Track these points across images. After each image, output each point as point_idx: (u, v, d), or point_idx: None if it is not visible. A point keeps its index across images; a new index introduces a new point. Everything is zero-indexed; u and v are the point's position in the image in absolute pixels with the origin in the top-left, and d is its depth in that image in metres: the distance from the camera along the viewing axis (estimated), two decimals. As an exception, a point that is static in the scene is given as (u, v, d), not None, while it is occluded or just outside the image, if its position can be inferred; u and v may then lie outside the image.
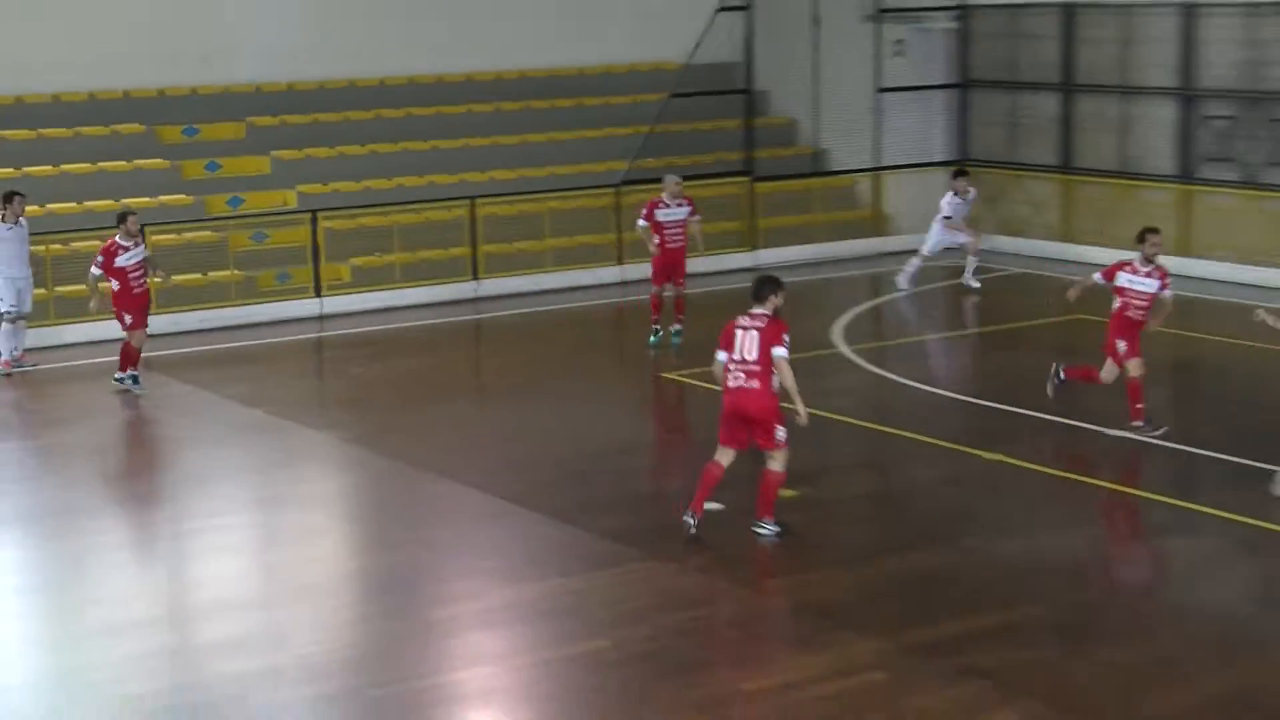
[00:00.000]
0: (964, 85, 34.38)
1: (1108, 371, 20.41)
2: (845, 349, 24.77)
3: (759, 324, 16.20)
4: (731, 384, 16.15)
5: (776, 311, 16.38)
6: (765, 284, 16.67)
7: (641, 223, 25.04)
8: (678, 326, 24.98)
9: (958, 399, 22.47)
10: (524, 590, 15.43)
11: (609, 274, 30.41)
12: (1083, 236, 32.34)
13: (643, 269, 30.05)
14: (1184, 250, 30.50)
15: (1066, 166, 32.77)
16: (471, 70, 33.10)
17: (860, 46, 33.80)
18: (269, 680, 13.45)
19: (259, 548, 17.34)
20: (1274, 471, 17.49)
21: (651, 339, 24.97)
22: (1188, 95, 30.78)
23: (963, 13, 34.01)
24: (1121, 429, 20.12)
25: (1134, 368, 20.05)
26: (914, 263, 28.86)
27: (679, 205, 25.03)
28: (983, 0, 33.77)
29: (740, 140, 32.89)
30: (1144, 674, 13.54)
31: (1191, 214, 30.63)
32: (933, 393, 22.65)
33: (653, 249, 24.97)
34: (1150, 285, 20.48)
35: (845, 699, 12.97)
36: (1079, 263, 31.55)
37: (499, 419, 21.94)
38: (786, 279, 25.55)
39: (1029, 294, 29.41)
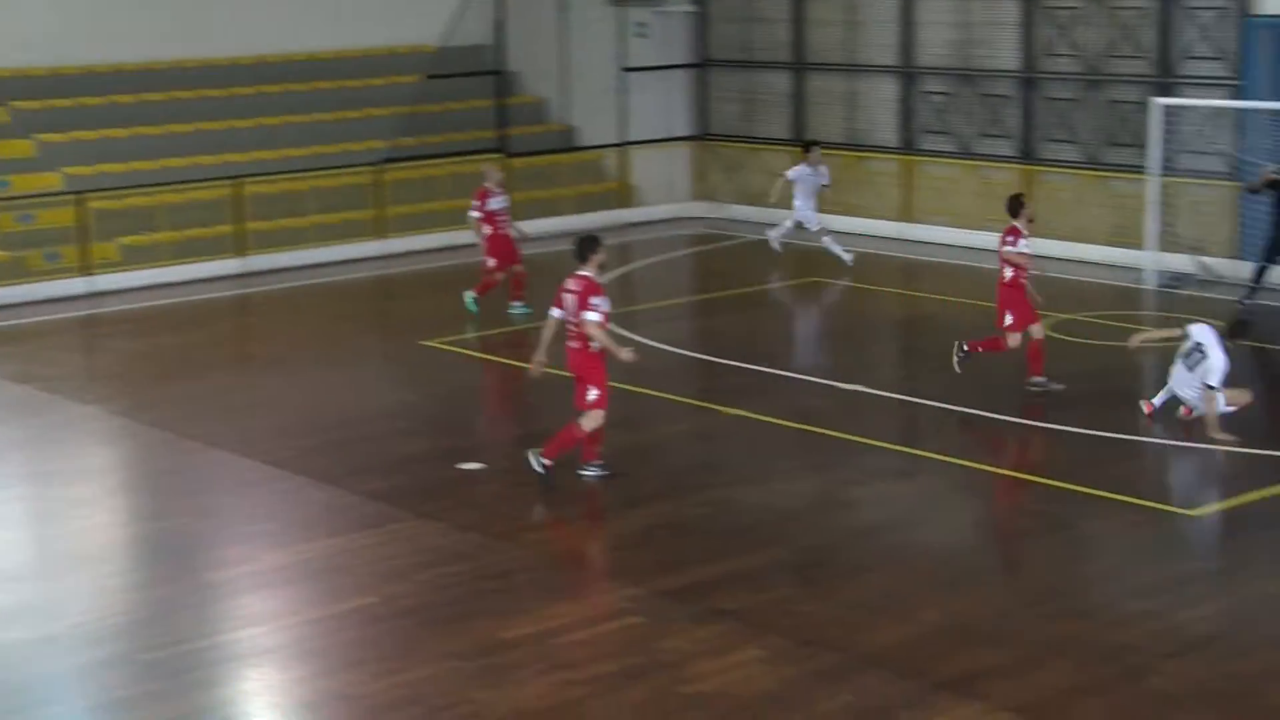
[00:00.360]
0: (703, 64, 34.65)
1: (1014, 340, 20.54)
2: (519, 309, 24.85)
3: (577, 287, 16.48)
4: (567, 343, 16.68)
5: (601, 268, 16.83)
6: (584, 244, 16.84)
7: (474, 213, 24.86)
8: (521, 303, 24.97)
9: (701, 359, 22.73)
10: (294, 552, 15.36)
11: (371, 249, 30.25)
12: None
13: (406, 243, 30.15)
14: (906, 216, 31.16)
15: (799, 140, 33.16)
16: (234, 55, 32.59)
17: (606, 29, 33.90)
18: (43, 650, 13.23)
19: (31, 521, 16.94)
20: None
21: (521, 309, 24.78)
22: (908, 73, 31.33)
23: (700, -4, 34.34)
24: (853, 384, 20.52)
25: (1036, 331, 20.38)
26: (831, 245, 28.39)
27: (503, 193, 24.95)
28: (719, -16, 34.08)
29: (493, 119, 32.84)
30: (873, 607, 13.86)
31: (912, 183, 31.22)
32: (678, 354, 22.85)
33: (480, 238, 24.84)
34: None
35: (602, 643, 13.12)
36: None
37: (265, 389, 21.74)
38: (538, 250, 25.94)
39: (767, 258, 29.74)
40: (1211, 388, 18.01)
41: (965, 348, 20.67)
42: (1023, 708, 11.91)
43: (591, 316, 16.32)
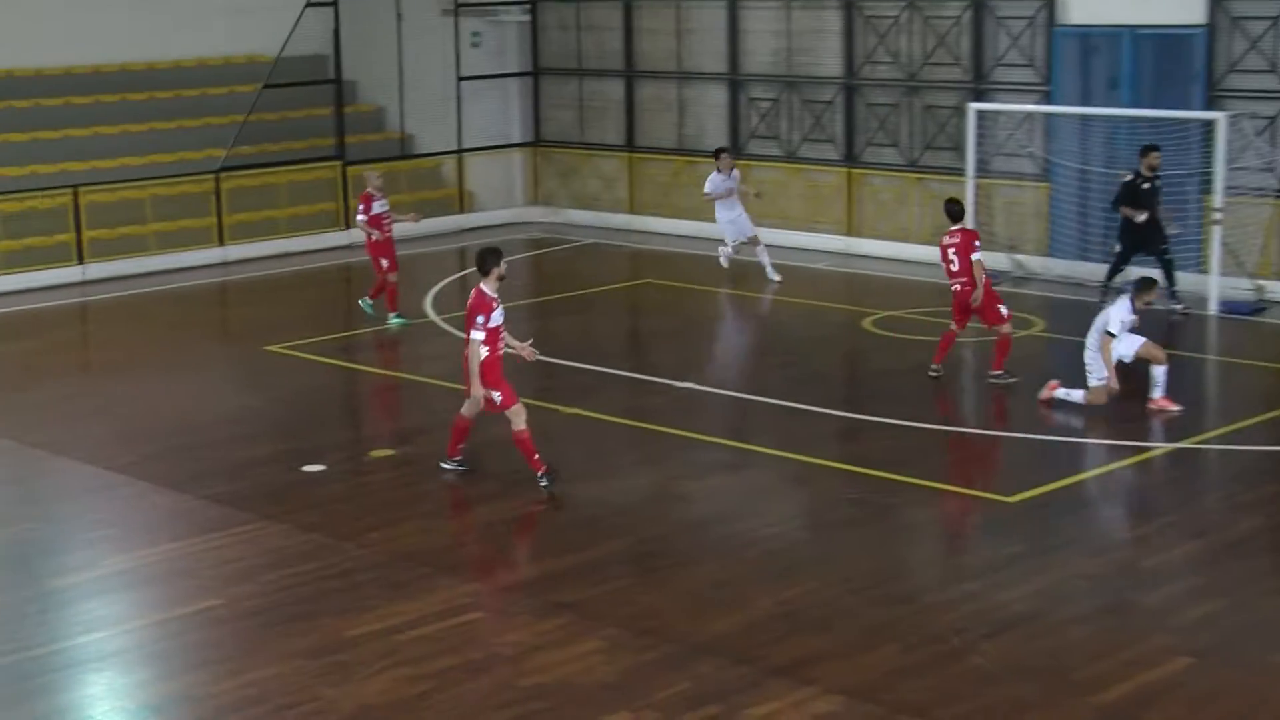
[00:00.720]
0: (536, 73, 34.66)
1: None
2: (436, 318, 24.84)
3: (470, 301, 16.66)
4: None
5: (500, 280, 16.73)
6: (483, 257, 16.83)
7: (361, 217, 24.57)
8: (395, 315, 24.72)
9: (539, 359, 22.71)
10: (137, 556, 15.19)
11: (211, 255, 29.98)
12: (646, 208, 33.00)
13: (246, 250, 29.91)
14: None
15: (631, 145, 33.30)
16: (70, 64, 32.10)
17: (441, 38, 33.80)
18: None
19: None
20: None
21: (397, 321, 24.46)
22: (735, 80, 31.51)
23: (533, 6, 34.27)
24: (689, 382, 20.65)
25: (1006, 328, 20.53)
26: (724, 251, 27.71)
27: (384, 197, 24.65)
28: (558, -5, 34.14)
29: (332, 127, 32.62)
30: (707, 597, 13.95)
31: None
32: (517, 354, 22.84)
33: (375, 236, 24.50)
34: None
35: (445, 638, 13.07)
36: (645, 231, 32.29)
37: (107, 396, 21.41)
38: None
39: (602, 261, 29.85)
40: (1110, 334, 18.65)
41: (935, 365, 20.80)
42: (851, 690, 12.03)
43: (474, 335, 16.33)
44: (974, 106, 27.24)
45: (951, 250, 20.27)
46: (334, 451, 18.39)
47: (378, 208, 24.41)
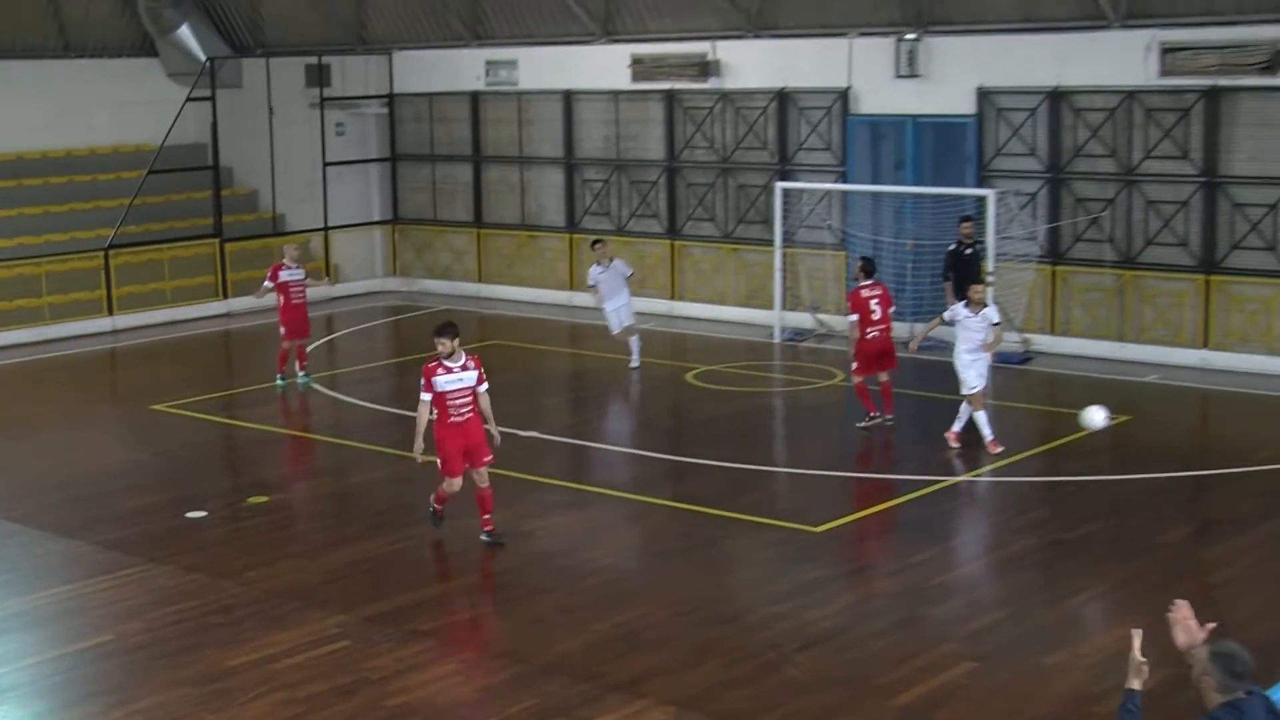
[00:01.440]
0: (393, 159, 34.52)
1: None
2: (301, 379, 24.51)
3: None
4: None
5: (451, 355, 15.76)
6: (436, 329, 16.02)
7: (268, 284, 24.14)
8: (304, 374, 24.16)
9: (398, 413, 22.55)
10: (32, 599, 14.79)
11: (101, 324, 29.48)
12: (493, 277, 32.95)
13: (133, 319, 29.46)
14: (575, 286, 31.37)
15: (479, 222, 33.24)
16: (-29, 153, 31.60)
17: (308, 128, 33.57)
18: None
19: None
20: None
21: (280, 382, 23.95)
22: (570, 164, 31.59)
23: (390, 100, 34.16)
24: (533, 431, 20.60)
25: (859, 379, 20.50)
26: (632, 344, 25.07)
27: (299, 267, 24.22)
28: (405, 90, 33.95)
29: (210, 208, 32.22)
30: (553, 621, 13.90)
31: (575, 257, 31.45)
32: (378, 409, 22.66)
33: (261, 298, 24.55)
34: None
35: (316, 665, 12.90)
36: (492, 298, 32.25)
37: (4, 454, 20.84)
38: (252, 323, 25.50)
39: (460, 326, 29.60)
40: (997, 323, 19.09)
41: (870, 416, 20.56)
42: (681, 702, 12.03)
43: (422, 396, 15.74)
44: (780, 185, 27.52)
45: (874, 301, 20.33)
46: (214, 499, 18.10)
47: (285, 275, 24.04)
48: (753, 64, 28.78)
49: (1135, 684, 7.84)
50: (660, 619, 13.92)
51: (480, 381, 15.87)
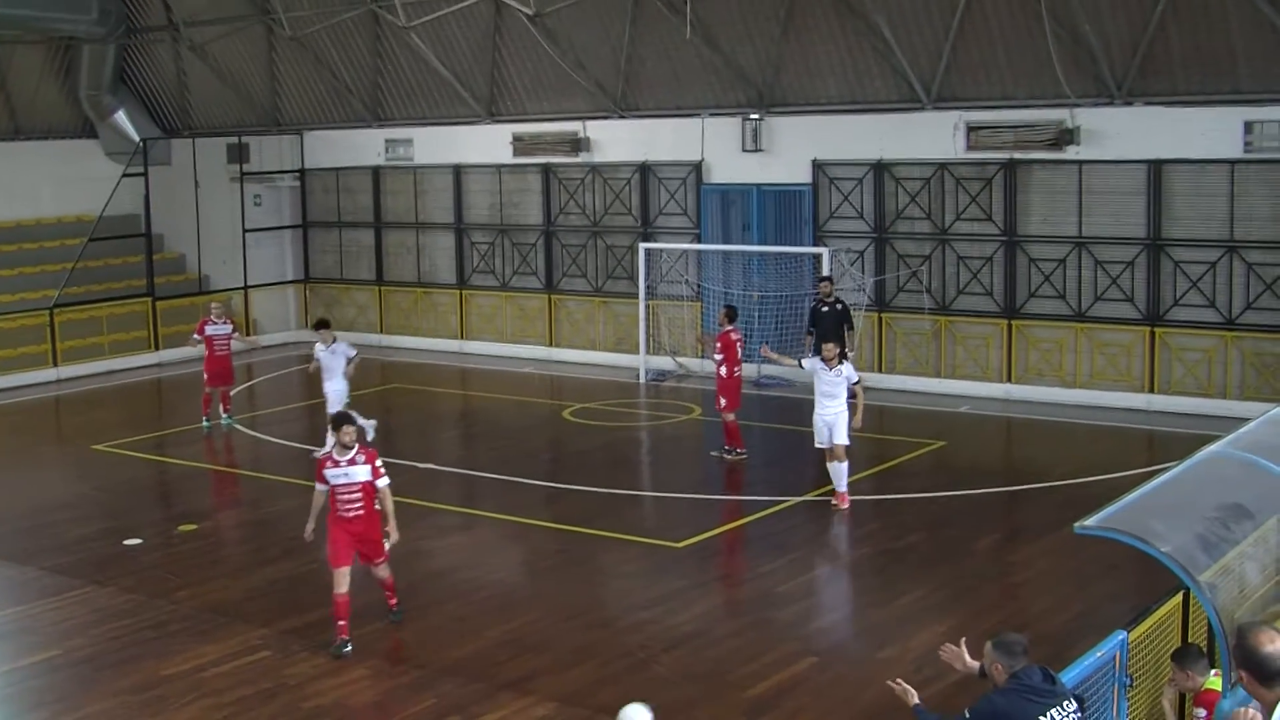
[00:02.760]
0: (305, 225, 34.23)
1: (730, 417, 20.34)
2: (225, 420, 24.22)
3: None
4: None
5: (344, 447, 13.50)
6: (339, 421, 13.87)
7: (196, 336, 23.82)
8: (228, 415, 23.85)
9: (308, 449, 22.31)
10: (-14, 619, 14.52)
11: (46, 375, 28.90)
12: (394, 328, 32.74)
13: (75, 370, 28.93)
14: (465, 335, 31.31)
15: (380, 280, 33.06)
16: (-74, 225, 30.92)
17: (230, 199, 33.21)
18: None
19: None
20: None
21: (205, 424, 23.59)
22: (460, 228, 31.53)
23: (301, 174, 33.91)
24: (429, 463, 20.49)
25: (732, 416, 20.25)
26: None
27: (224, 322, 23.83)
28: (315, 165, 33.73)
29: (143, 270, 31.76)
30: (448, 630, 13.85)
31: (468, 309, 31.40)
32: (292, 446, 22.42)
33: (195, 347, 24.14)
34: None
35: (240, 673, 12.76)
36: (393, 347, 32.04)
37: (-38, 490, 20.46)
38: (182, 371, 25.14)
39: (359, 371, 29.40)
40: (857, 381, 17.95)
41: (725, 447, 20.47)
42: (563, 698, 12.05)
43: (318, 486, 13.61)
44: (643, 246, 27.65)
45: (739, 344, 20.47)
46: (149, 528, 17.82)
47: (210, 330, 23.76)
48: (618, 140, 28.94)
49: (913, 701, 8.16)
50: (543, 625, 13.92)
51: (376, 476, 13.58)
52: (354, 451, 13.52)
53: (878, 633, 13.60)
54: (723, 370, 20.43)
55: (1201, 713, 8.80)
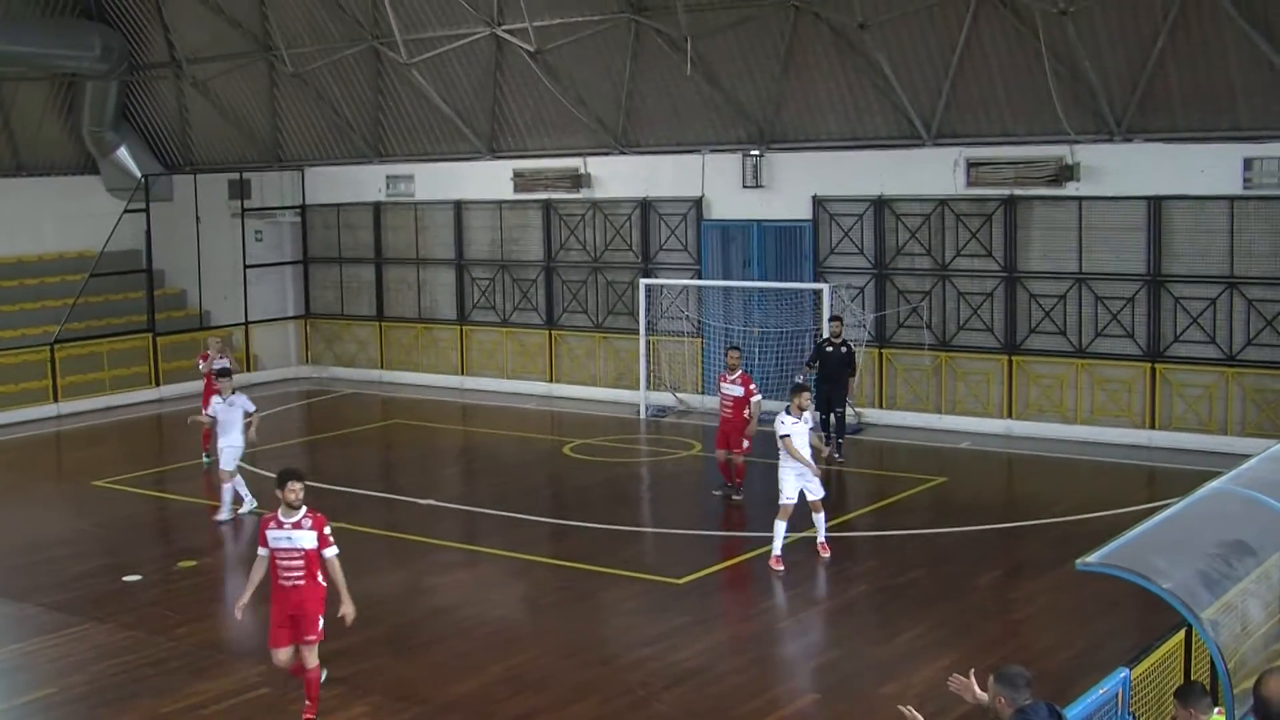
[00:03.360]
0: (305, 261, 34.29)
1: (719, 454, 20.26)
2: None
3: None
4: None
5: (290, 506, 12.29)
6: (287, 476, 12.42)
7: (201, 365, 23.97)
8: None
9: (312, 485, 22.23)
10: (-16, 656, 14.47)
11: (47, 410, 28.88)
12: (394, 364, 32.75)
13: (76, 405, 28.92)
14: (465, 371, 31.32)
15: (381, 316, 33.09)
16: (-72, 261, 30.99)
17: (231, 235, 33.29)
18: None
19: None
20: None
21: (205, 459, 23.46)
22: (461, 264, 31.58)
23: (302, 210, 33.97)
24: (430, 499, 20.47)
25: (737, 456, 20.03)
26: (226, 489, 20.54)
27: (222, 358, 23.55)
28: (316, 201, 33.81)
29: (144, 306, 31.80)
30: (450, 666, 13.81)
31: (469, 345, 31.42)
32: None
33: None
34: (736, 390, 20.19)
35: (240, 710, 12.74)
36: (393, 383, 32.04)
37: (-39, 526, 20.43)
38: (183, 407, 25.12)
39: (359, 407, 29.51)
40: (813, 427, 17.40)
41: (727, 485, 20.27)
42: (562, 735, 12.01)
43: (259, 550, 12.51)
44: (643, 281, 27.71)
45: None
46: (148, 564, 17.79)
47: (207, 366, 23.67)
48: (619, 177, 29.01)
49: None
50: (544, 662, 13.88)
51: (323, 545, 12.15)
52: (300, 514, 12.13)
53: (879, 669, 13.56)
54: (743, 411, 20.15)
55: None
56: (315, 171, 33.73)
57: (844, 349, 22.74)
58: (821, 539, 17.41)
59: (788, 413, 17.15)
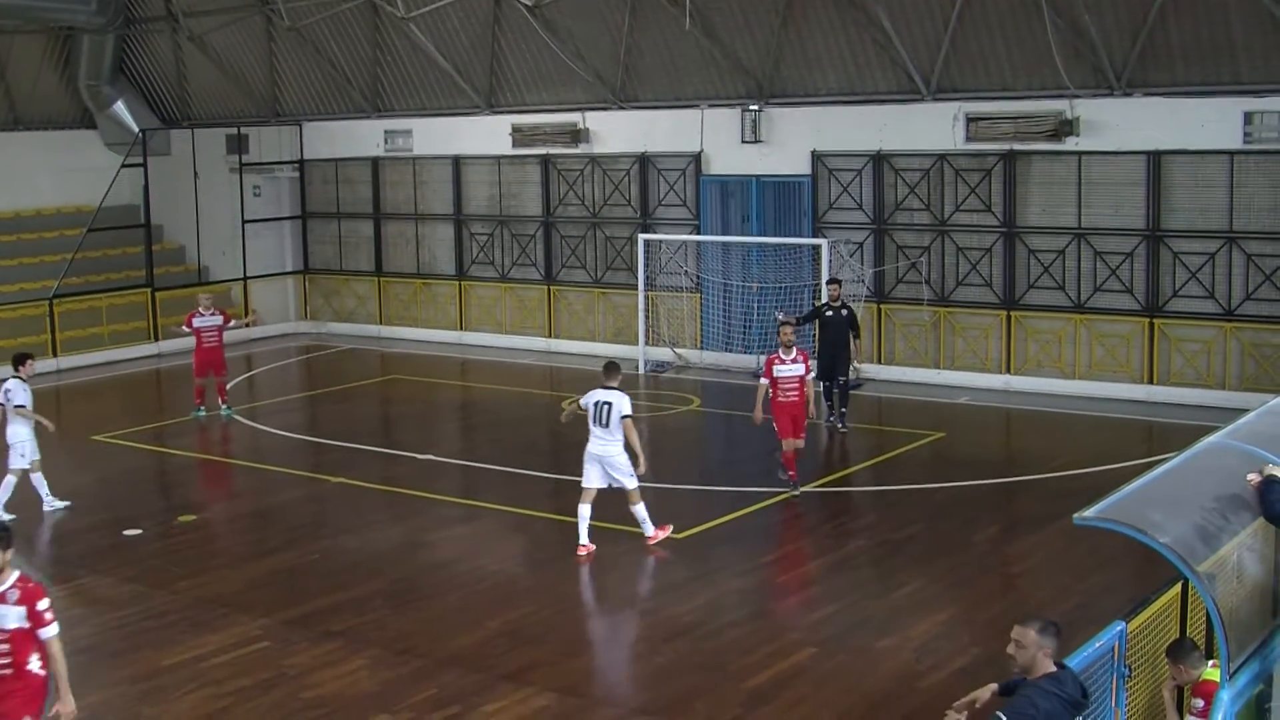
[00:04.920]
0: (304, 216, 34.20)
1: (788, 445, 17.90)
2: (224, 411, 24.23)
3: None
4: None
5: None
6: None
7: (184, 328, 23.82)
8: (226, 406, 23.78)
9: (310, 440, 22.37)
10: (-12, 609, 14.50)
11: (46, 365, 28.56)
12: (393, 319, 32.73)
13: (75, 360, 28.94)
14: (464, 326, 31.31)
15: (379, 271, 33.04)
16: (-74, 216, 30.92)
17: (229, 190, 33.22)
18: None
19: None
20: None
21: (197, 413, 23.53)
22: (459, 219, 31.52)
23: (300, 165, 33.86)
24: (429, 454, 20.50)
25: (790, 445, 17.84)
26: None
27: (212, 315, 23.79)
28: (314, 156, 33.69)
29: (143, 261, 31.75)
30: (449, 620, 13.85)
31: (467, 300, 31.40)
32: (293, 437, 22.46)
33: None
34: (798, 369, 17.90)
35: (240, 663, 12.77)
36: (392, 338, 32.04)
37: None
38: (181, 362, 25.07)
39: (358, 362, 29.51)
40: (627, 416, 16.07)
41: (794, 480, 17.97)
42: (562, 689, 12.05)
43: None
44: (642, 237, 27.66)
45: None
46: (149, 519, 17.82)
47: (198, 322, 23.74)
48: (617, 131, 28.92)
49: None
50: (543, 616, 13.92)
51: (38, 624, 9.27)
52: (8, 584, 9.28)
53: (877, 623, 13.62)
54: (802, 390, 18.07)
55: (1199, 703, 8.81)
56: (313, 126, 33.62)
57: (844, 311, 21.97)
58: (650, 531, 16.11)
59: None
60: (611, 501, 18.01)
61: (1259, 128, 22.27)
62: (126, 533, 17.10)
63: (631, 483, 15.94)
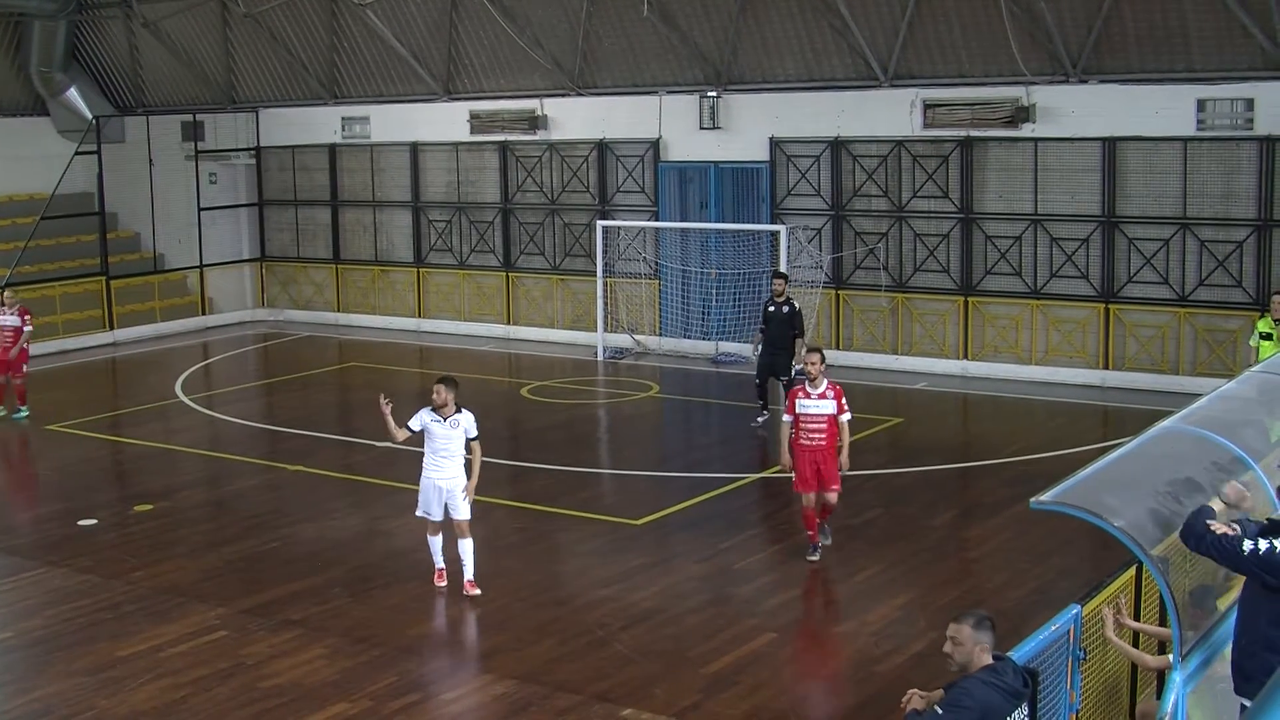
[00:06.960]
0: (261, 203, 34.01)
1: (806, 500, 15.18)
2: (185, 399, 24.13)
3: None
4: None
5: None
6: None
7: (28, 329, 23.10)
8: (22, 409, 22.94)
9: (268, 428, 22.25)
10: (-59, 600, 14.38)
11: (-1, 354, 28.64)
12: (351, 307, 32.60)
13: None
14: (422, 314, 31.22)
15: (337, 258, 32.89)
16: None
17: (185, 177, 32.98)
18: None
19: None
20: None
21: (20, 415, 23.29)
22: (417, 206, 31.39)
23: (257, 152, 33.66)
24: (387, 442, 20.45)
25: (832, 495, 15.17)
26: None
27: (12, 313, 22.78)
28: (271, 143, 33.49)
29: (97, 249, 31.51)
30: (408, 609, 13.82)
31: (426, 287, 31.30)
32: (250, 425, 22.34)
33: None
34: (827, 407, 15.22)
35: (198, 653, 12.69)
36: (349, 325, 31.91)
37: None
38: (134, 351, 24.86)
39: (316, 349, 29.37)
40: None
41: (816, 544, 15.15)
42: (522, 675, 12.04)
43: None
44: (600, 224, 27.64)
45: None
46: (104, 508, 17.69)
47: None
48: (576, 118, 28.87)
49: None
50: (502, 603, 13.91)
51: None
52: None
53: (836, 608, 13.68)
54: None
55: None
56: (270, 113, 33.41)
57: (786, 308, 20.83)
58: (440, 565, 14.67)
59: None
60: (575, 488, 18.02)
61: (1212, 115, 22.43)
62: (82, 523, 16.97)
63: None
